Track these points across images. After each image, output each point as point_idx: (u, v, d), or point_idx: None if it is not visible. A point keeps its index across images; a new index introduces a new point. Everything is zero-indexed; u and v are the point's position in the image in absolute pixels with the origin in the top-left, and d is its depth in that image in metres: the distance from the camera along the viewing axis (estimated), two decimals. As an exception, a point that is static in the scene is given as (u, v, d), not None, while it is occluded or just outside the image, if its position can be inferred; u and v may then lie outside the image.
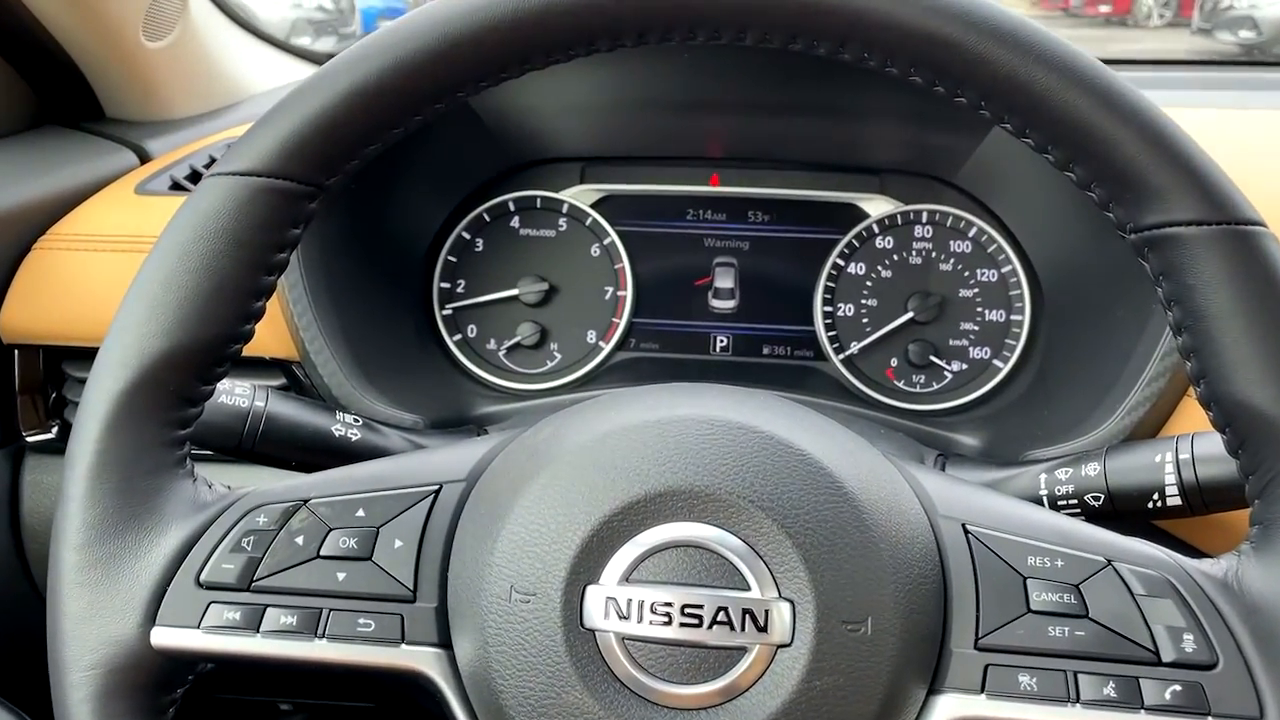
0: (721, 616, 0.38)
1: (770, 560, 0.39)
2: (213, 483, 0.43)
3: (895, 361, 0.75)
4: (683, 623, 0.38)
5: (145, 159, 0.79)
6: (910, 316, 0.75)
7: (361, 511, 0.42)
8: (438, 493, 0.43)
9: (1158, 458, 0.52)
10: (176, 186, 0.74)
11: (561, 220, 0.78)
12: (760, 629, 0.38)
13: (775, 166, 0.77)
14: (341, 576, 0.41)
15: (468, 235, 0.78)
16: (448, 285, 0.78)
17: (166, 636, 0.40)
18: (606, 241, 0.78)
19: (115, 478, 0.40)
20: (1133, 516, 0.52)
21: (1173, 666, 0.38)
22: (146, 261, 0.41)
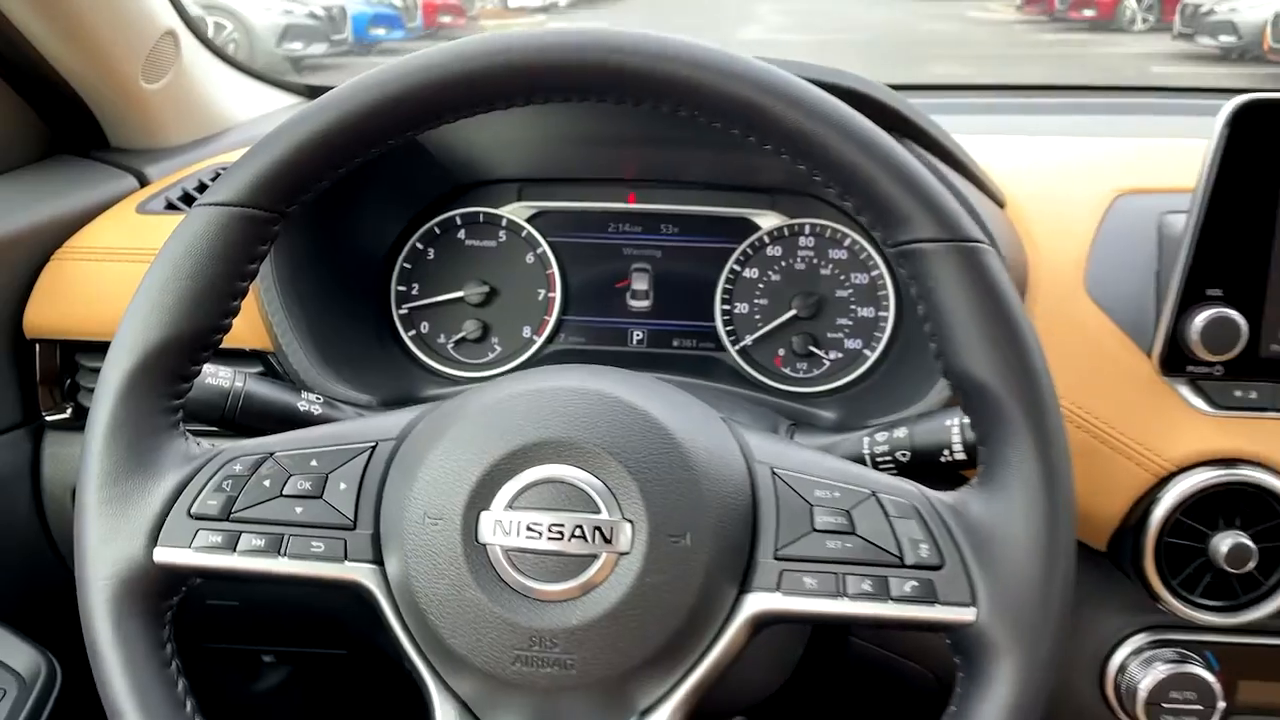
0: (579, 533, 0.51)
1: (616, 491, 0.52)
2: (200, 441, 0.57)
3: (782, 351, 0.89)
4: (550, 537, 0.51)
5: (144, 182, 0.92)
6: (794, 313, 0.88)
7: (315, 461, 0.55)
8: (374, 447, 0.56)
9: (948, 421, 0.65)
10: (171, 206, 0.87)
11: (501, 232, 0.92)
12: (607, 541, 0.51)
13: (682, 187, 0.91)
14: (299, 510, 0.54)
15: (421, 245, 0.91)
16: (404, 288, 0.91)
17: (165, 555, 0.53)
18: (539, 251, 0.91)
19: (126, 437, 0.54)
20: (932, 469, 0.66)
21: (912, 568, 0.52)
22: (148, 271, 0.54)
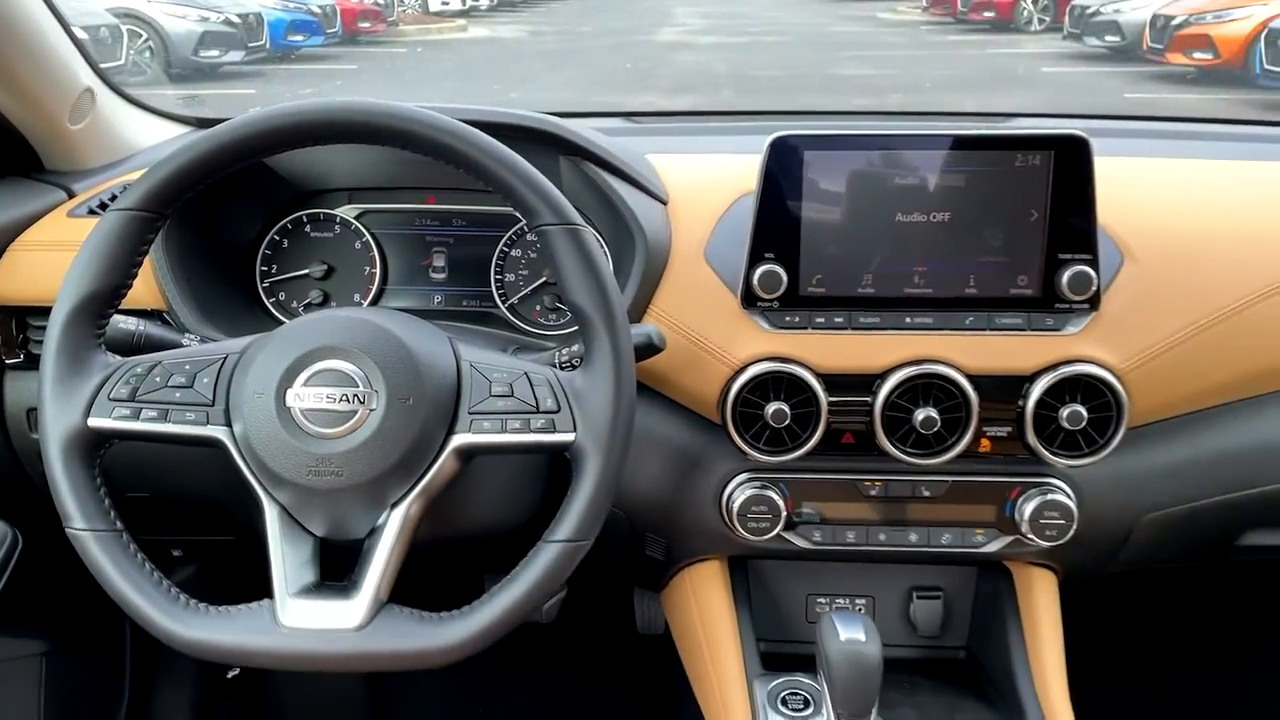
0: (345, 399, 0.88)
1: (368, 374, 0.89)
2: (115, 356, 0.93)
3: (539, 307, 1.27)
4: (328, 400, 0.88)
5: (72, 195, 1.27)
6: (544, 279, 1.26)
7: (188, 365, 0.91)
8: (226, 357, 0.92)
9: None
10: (92, 212, 1.22)
11: (336, 226, 1.28)
12: (362, 403, 0.88)
13: (468, 191, 1.28)
14: (177, 395, 0.90)
15: (277, 237, 1.28)
16: (265, 268, 1.27)
17: (95, 422, 0.89)
18: (364, 240, 1.28)
19: (68, 353, 0.89)
20: None
21: (543, 413, 0.90)
22: (77, 254, 0.90)
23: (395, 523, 0.90)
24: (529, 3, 16.20)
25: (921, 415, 1.03)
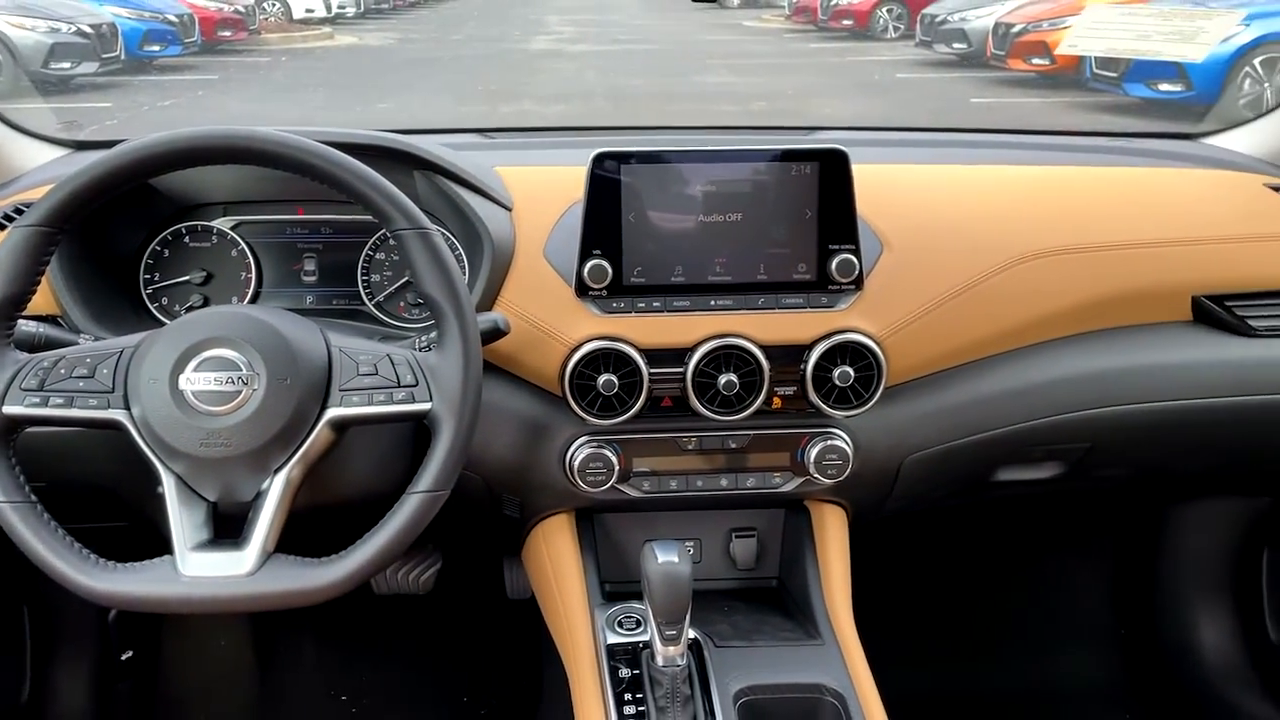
0: (230, 381, 1.04)
1: (250, 360, 1.05)
2: (23, 355, 1.06)
3: (402, 303, 1.44)
4: (215, 383, 1.04)
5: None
6: (406, 279, 1.43)
7: (89, 359, 1.06)
8: (123, 350, 1.07)
9: None
10: (-14, 228, 1.34)
11: (213, 237, 1.43)
12: (246, 384, 1.05)
13: (333, 202, 1.44)
14: (81, 384, 1.05)
15: (159, 248, 1.41)
16: (149, 276, 1.41)
17: (9, 410, 1.03)
18: (240, 248, 1.43)
19: None
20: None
21: (403, 387, 1.07)
22: None
23: (279, 485, 1.06)
24: (397, 10, 16.04)
25: (724, 380, 1.25)
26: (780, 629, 1.30)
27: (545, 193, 1.39)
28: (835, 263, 1.26)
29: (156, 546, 1.06)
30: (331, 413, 1.07)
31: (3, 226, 1.35)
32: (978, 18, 10.18)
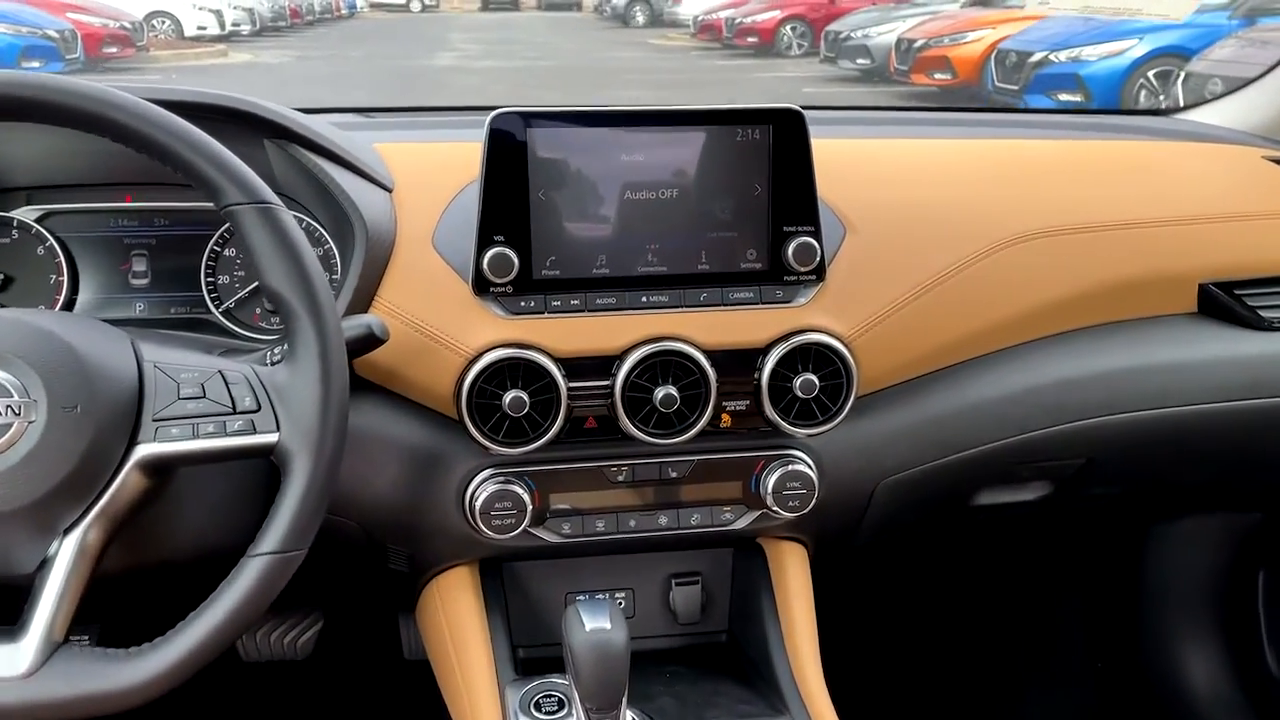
0: (5, 410, 0.76)
1: (24, 380, 0.77)
2: None
3: (259, 310, 1.16)
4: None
5: None
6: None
7: None
8: None
9: None
10: None
11: (14, 231, 1.13)
12: (18, 415, 0.76)
13: (171, 186, 1.16)
14: None
15: None
16: None
17: None
18: (48, 245, 1.13)
19: None
20: None
21: (240, 413, 0.81)
22: None
23: (69, 552, 0.78)
24: (295, 28, 15.61)
25: (661, 393, 1.01)
26: (737, 700, 1.06)
27: (435, 171, 1.14)
28: (792, 248, 1.04)
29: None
30: (142, 451, 0.80)
31: None
32: (880, 34, 10.45)
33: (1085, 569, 1.69)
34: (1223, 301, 1.18)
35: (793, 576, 1.13)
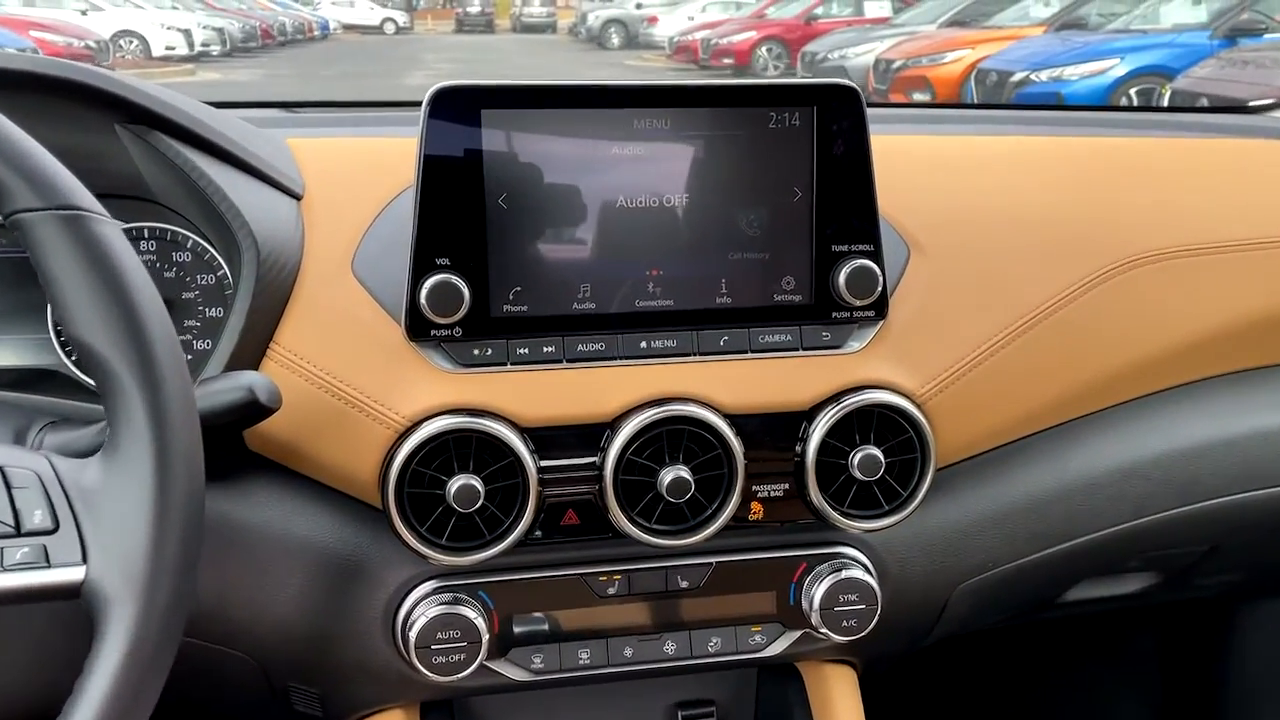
0: None
1: None
2: None
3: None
4: None
5: None
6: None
7: None
8: None
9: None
10: None
11: None
12: None
13: None
14: None
15: None
16: None
17: None
18: None
19: None
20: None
21: (28, 535, 0.52)
22: None
23: None
24: (266, 49, 15.37)
25: (669, 477, 0.73)
26: None
27: (362, 172, 0.86)
28: (844, 274, 0.76)
29: None
30: None
31: None
32: (857, 55, 10.36)
33: (1153, 649, 1.42)
34: None
35: (841, 709, 0.85)
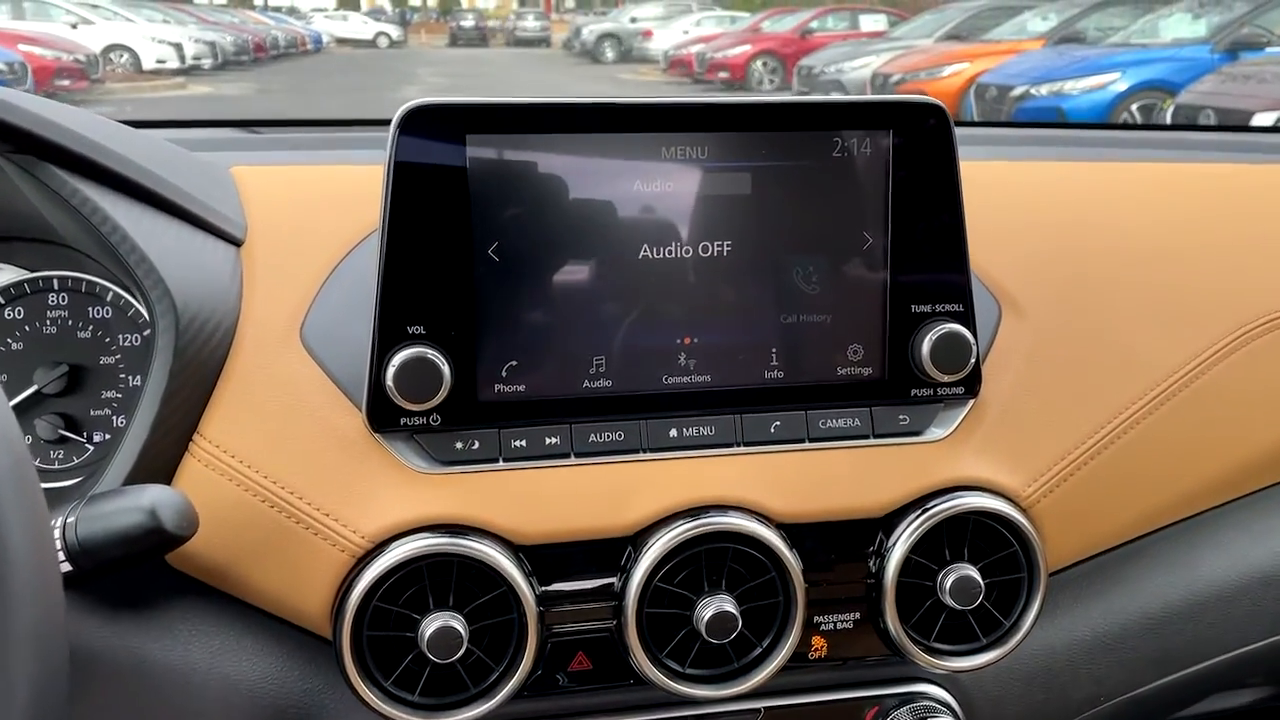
0: None
1: None
2: None
3: (29, 439, 0.70)
4: None
5: None
6: (35, 389, 0.70)
7: None
8: None
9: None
10: None
11: None
12: None
13: None
14: None
15: None
16: None
17: None
18: None
19: None
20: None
21: None
22: None
23: None
24: (259, 62, 15.28)
25: (710, 611, 0.56)
26: None
27: (319, 209, 0.69)
28: (928, 342, 0.60)
29: None
30: None
31: None
32: (854, 69, 10.29)
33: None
34: None
35: None
